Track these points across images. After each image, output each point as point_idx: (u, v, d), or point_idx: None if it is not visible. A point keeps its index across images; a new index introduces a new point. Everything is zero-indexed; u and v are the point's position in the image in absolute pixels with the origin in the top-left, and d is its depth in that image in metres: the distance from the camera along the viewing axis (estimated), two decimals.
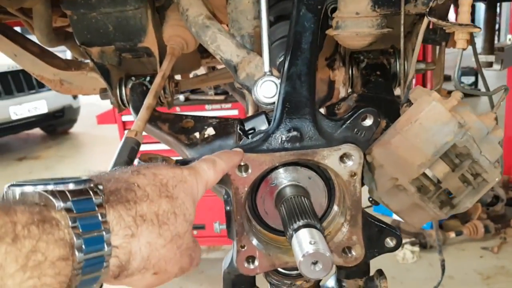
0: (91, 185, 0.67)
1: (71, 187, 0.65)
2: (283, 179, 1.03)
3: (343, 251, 1.04)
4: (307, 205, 0.92)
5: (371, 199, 1.20)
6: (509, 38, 3.05)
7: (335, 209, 1.08)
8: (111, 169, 0.95)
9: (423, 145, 1.04)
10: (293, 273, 1.09)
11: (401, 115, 1.16)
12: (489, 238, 4.50)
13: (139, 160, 0.95)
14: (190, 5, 1.11)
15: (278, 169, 1.03)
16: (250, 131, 0.98)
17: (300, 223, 0.84)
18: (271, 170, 1.02)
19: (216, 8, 1.46)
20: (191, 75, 2.29)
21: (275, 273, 1.10)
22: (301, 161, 1.02)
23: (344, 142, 0.97)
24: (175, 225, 0.75)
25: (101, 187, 0.69)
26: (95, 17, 1.38)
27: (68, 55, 3.09)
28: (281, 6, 1.38)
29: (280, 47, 1.36)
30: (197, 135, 1.40)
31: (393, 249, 1.06)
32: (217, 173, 0.89)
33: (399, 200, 1.13)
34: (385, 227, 1.07)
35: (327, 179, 1.06)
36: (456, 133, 1.04)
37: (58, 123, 9.67)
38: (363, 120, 0.93)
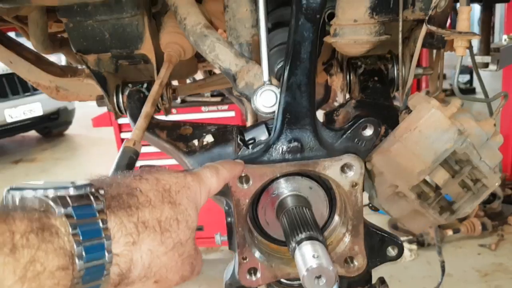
0: (92, 190, 0.66)
1: (72, 192, 0.64)
2: (284, 189, 1.02)
3: (345, 261, 1.04)
4: (308, 216, 0.91)
5: (371, 206, 1.21)
6: (504, 38, 3.04)
7: (336, 219, 1.08)
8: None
9: (423, 153, 1.04)
10: (295, 283, 1.09)
11: (400, 122, 1.16)
12: (486, 235, 4.52)
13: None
14: (188, 14, 1.10)
15: (279, 180, 1.03)
16: (250, 141, 0.98)
17: (302, 236, 0.83)
18: (272, 180, 1.02)
19: (213, 14, 1.46)
20: (188, 80, 2.28)
21: (277, 283, 1.10)
22: (302, 171, 1.02)
23: (345, 152, 0.97)
24: (177, 232, 0.74)
25: (102, 192, 0.67)
26: (91, 24, 1.36)
27: (63, 61, 3.07)
28: (279, 12, 1.37)
29: (278, 54, 1.36)
30: (195, 142, 1.39)
31: (395, 258, 1.07)
32: (220, 181, 0.88)
33: (399, 206, 1.13)
34: (386, 236, 1.07)
35: (328, 189, 1.06)
36: (456, 140, 1.04)
37: (53, 125, 9.63)
38: (364, 129, 0.93)
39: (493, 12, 2.65)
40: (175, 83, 2.14)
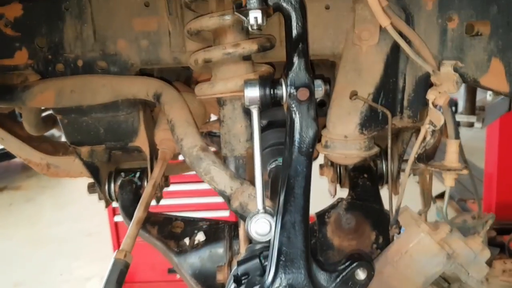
0: None
1: None
2: None
3: None
4: None
5: None
6: (489, 94, 3.14)
7: None
8: None
9: (414, 276, 1.07)
10: None
11: (390, 234, 1.19)
12: None
13: None
14: (185, 135, 1.12)
15: None
16: (244, 277, 0.98)
17: None
18: None
19: (207, 102, 1.47)
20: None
21: None
22: None
23: None
24: None
25: None
26: (86, 121, 1.37)
27: None
28: (272, 112, 1.40)
29: (270, 154, 1.38)
30: (187, 241, 1.40)
31: None
32: None
33: None
34: None
35: None
36: (445, 264, 1.07)
37: None
38: (357, 273, 0.94)
39: None
40: None
